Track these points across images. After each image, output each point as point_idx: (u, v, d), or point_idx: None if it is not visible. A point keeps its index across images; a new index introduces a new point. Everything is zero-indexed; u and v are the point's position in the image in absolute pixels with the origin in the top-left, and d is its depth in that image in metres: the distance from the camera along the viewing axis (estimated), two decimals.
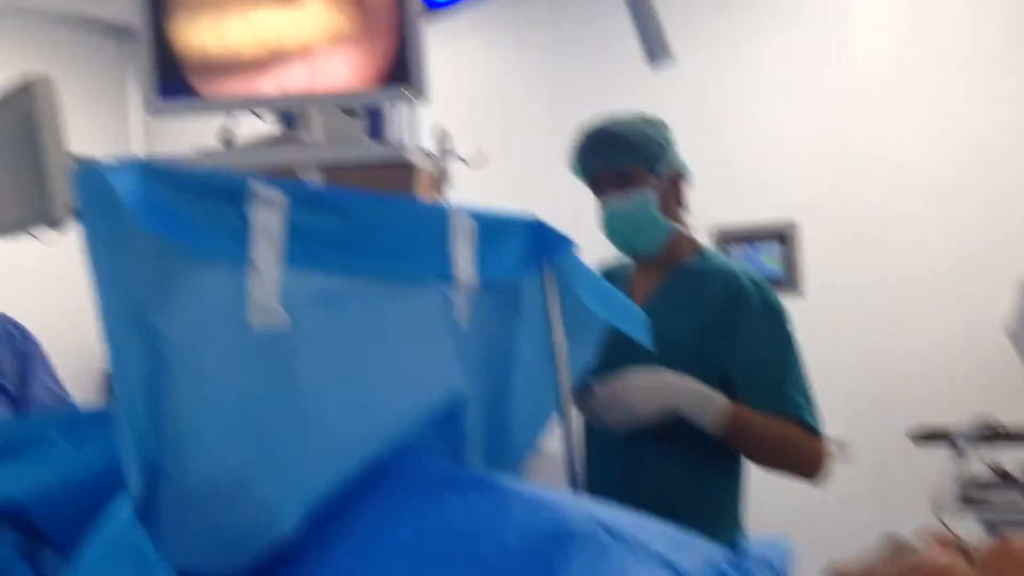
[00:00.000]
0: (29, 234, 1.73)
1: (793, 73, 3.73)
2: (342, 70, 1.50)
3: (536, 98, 4.44)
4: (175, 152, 1.66)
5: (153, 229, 0.67)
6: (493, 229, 0.98)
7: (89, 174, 0.66)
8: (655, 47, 1.54)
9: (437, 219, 0.92)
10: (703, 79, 3.87)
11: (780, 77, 3.76)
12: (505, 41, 4.45)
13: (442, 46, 4.39)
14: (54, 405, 1.52)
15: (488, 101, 4.52)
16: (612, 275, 1.79)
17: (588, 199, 1.77)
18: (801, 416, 1.58)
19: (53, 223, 1.64)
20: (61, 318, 4.36)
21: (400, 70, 1.49)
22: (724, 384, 1.60)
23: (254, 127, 1.67)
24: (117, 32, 5.09)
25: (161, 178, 0.71)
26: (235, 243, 0.75)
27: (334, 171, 1.50)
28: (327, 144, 1.57)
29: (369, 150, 1.54)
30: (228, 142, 1.67)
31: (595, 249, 1.63)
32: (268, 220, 0.77)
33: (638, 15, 1.54)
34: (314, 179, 1.48)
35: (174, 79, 1.56)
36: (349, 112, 1.58)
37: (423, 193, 1.57)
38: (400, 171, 1.52)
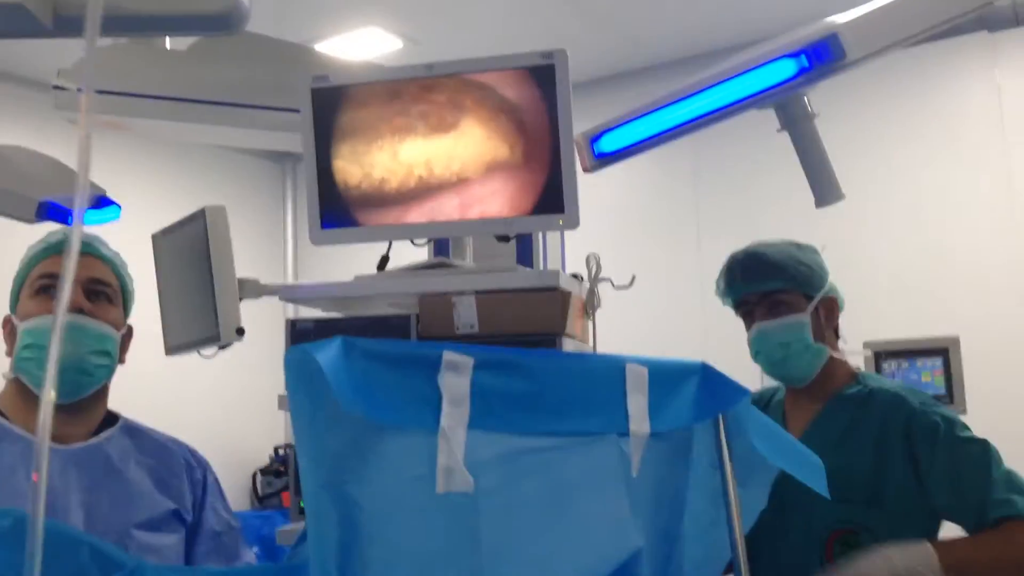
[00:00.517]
0: (197, 352, 1.83)
1: (954, 191, 3.74)
2: (497, 198, 1.54)
3: (679, 221, 4.52)
4: (331, 276, 1.74)
5: (354, 407, 0.70)
6: (665, 378, 0.98)
7: (299, 356, 0.70)
8: (825, 188, 1.53)
9: (613, 372, 0.92)
10: (859, 204, 3.90)
11: (937, 194, 3.77)
12: (646, 164, 4.53)
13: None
14: (224, 531, 1.57)
15: (629, 224, 4.62)
16: (761, 401, 1.75)
17: (725, 321, 1.77)
18: (1021, 513, 1.50)
19: (222, 344, 1.73)
20: (217, 426, 4.66)
21: (553, 199, 1.52)
22: (907, 514, 1.53)
23: (408, 252, 1.74)
24: (278, 156, 5.48)
25: (360, 353, 0.74)
26: (426, 410, 0.77)
27: (487, 296, 1.53)
28: (480, 270, 1.61)
29: (522, 276, 1.56)
30: (383, 265, 1.73)
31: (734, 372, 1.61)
32: (457, 386, 0.79)
33: (808, 158, 1.54)
34: (468, 304, 1.52)
35: (335, 209, 1.63)
36: (502, 238, 1.62)
37: (574, 318, 1.58)
38: (552, 296, 1.53)
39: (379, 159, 1.57)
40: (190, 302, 1.81)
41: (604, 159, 1.68)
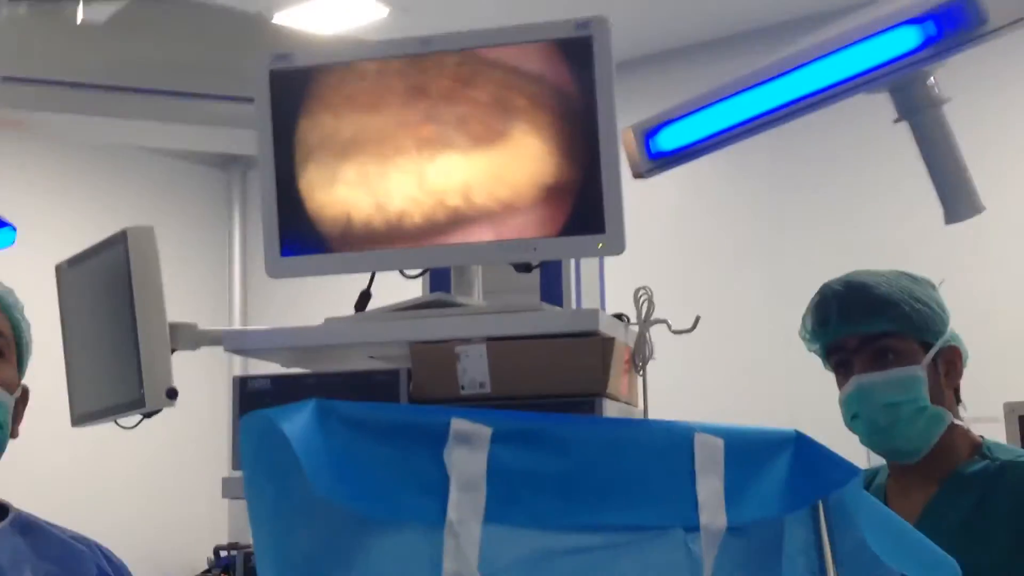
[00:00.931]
0: (115, 422, 1.83)
1: None
2: (526, 218, 1.55)
3: (756, 244, 4.54)
4: (291, 320, 1.75)
5: (334, 493, 0.70)
6: (747, 453, 0.97)
7: (259, 426, 0.70)
8: (959, 197, 1.53)
9: (676, 446, 0.92)
10: (992, 223, 3.91)
11: None
12: (713, 167, 4.55)
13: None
14: None
15: (691, 248, 4.63)
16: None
17: (813, 375, 1.76)
18: None
19: (148, 410, 1.74)
20: (141, 519, 4.68)
21: (590, 214, 1.52)
22: None
23: (396, 287, 1.74)
24: (223, 161, 5.52)
25: (340, 421, 0.74)
26: (428, 497, 0.77)
27: (502, 344, 1.53)
28: (492, 310, 1.61)
29: (549, 318, 1.56)
30: (363, 305, 1.73)
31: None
32: (469, 465, 0.79)
33: (935, 156, 1.54)
34: (476, 355, 1.52)
35: (299, 230, 1.64)
36: (521, 267, 1.62)
37: (618, 373, 1.57)
38: (589, 344, 1.53)
39: (396, 184, 1.57)
40: (106, 354, 1.81)
41: (663, 161, 1.68)
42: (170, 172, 5.32)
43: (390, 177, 1.59)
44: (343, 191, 1.61)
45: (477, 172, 1.56)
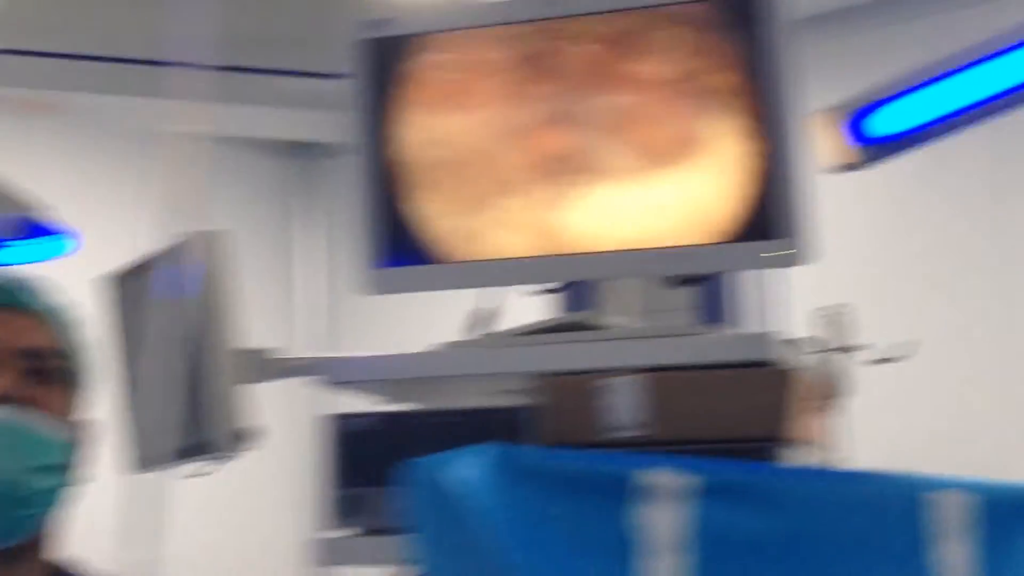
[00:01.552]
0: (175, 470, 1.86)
1: None
2: (675, 213, 1.55)
3: (964, 262, 4.47)
4: (366, 345, 1.76)
5: (521, 559, 0.70)
6: (1002, 513, 0.96)
7: (431, 478, 0.72)
8: None
9: (909, 502, 0.91)
10: None
11: None
12: (925, 174, 4.49)
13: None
14: None
15: (899, 255, 4.58)
16: None
17: None
18: None
19: (218, 455, 1.76)
20: None
21: (767, 215, 1.51)
22: None
23: (511, 306, 1.75)
24: (289, 151, 5.51)
25: (517, 471, 0.75)
26: (617, 561, 0.77)
27: (656, 377, 1.53)
28: (645, 334, 1.61)
29: (714, 343, 1.56)
30: (481, 329, 1.74)
31: None
32: (664, 524, 0.79)
33: None
34: (626, 390, 1.52)
35: (403, 237, 1.66)
36: (679, 282, 1.62)
37: (805, 412, 1.56)
38: (766, 376, 1.52)
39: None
40: (167, 386, 1.84)
41: (880, 149, 1.65)
42: (231, 165, 5.28)
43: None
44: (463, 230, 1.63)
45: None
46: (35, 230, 1.55)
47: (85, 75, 1.95)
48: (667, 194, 1.56)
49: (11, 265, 1.55)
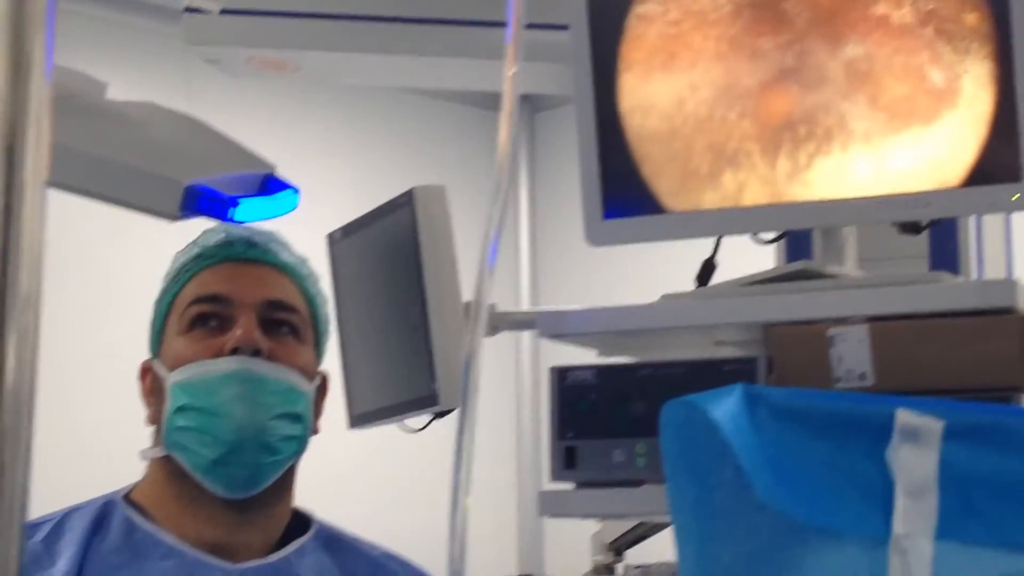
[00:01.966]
0: (399, 424, 1.94)
1: None
2: (907, 159, 1.56)
3: None
4: (586, 297, 1.81)
5: (775, 496, 0.76)
6: None
7: (682, 414, 0.77)
8: None
9: None
10: None
11: None
12: None
13: None
14: None
15: None
16: None
17: None
18: None
19: (441, 409, 1.83)
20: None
21: (1001, 157, 1.52)
22: None
23: (735, 257, 1.77)
24: (489, 102, 5.54)
25: (769, 410, 0.80)
26: (869, 505, 0.82)
27: (888, 325, 1.54)
28: (876, 282, 1.63)
29: (949, 292, 1.57)
30: (706, 278, 1.78)
31: None
32: (918, 467, 0.83)
33: None
34: (857, 339, 1.54)
35: (625, 185, 1.70)
36: (908, 228, 1.64)
37: None
38: (1005, 324, 1.52)
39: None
40: (389, 341, 1.92)
41: None
42: (445, 119, 5.34)
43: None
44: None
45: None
46: (266, 186, 1.64)
47: (306, 33, 2.05)
48: (908, 155, 1.57)
49: (246, 222, 1.65)
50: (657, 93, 1.68)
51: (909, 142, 1.56)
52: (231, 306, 1.70)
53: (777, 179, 1.61)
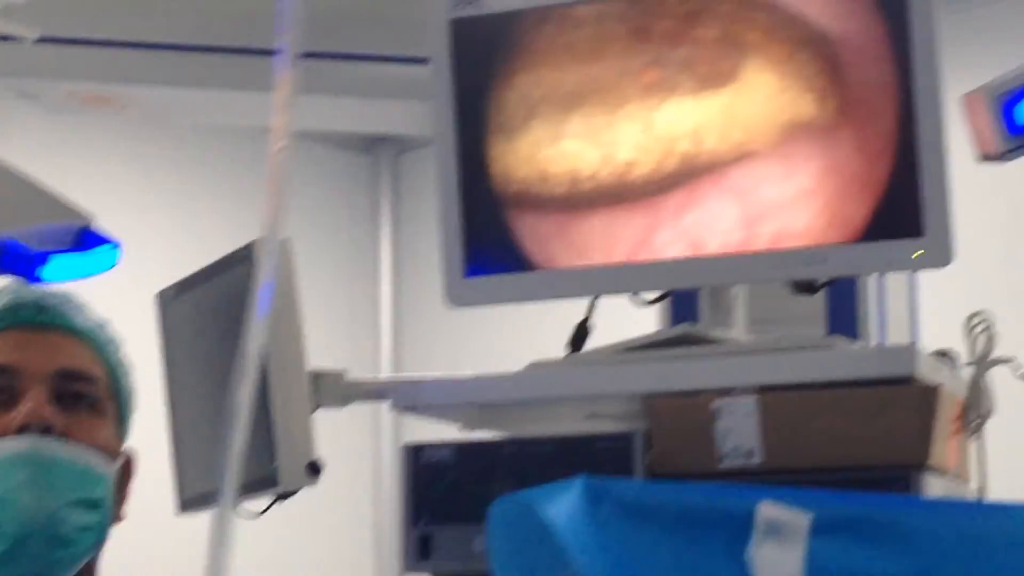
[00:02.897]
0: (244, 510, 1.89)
1: None
2: (794, 211, 1.56)
3: None
4: (457, 366, 1.79)
5: None
6: None
7: (514, 513, 0.75)
8: None
9: None
10: None
11: None
12: None
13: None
14: None
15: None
16: None
17: None
18: None
19: (282, 491, 1.79)
20: None
21: (902, 211, 1.52)
22: None
23: (614, 320, 1.76)
24: (367, 144, 5.52)
25: (614, 507, 0.78)
26: None
27: (778, 396, 1.54)
28: (767, 347, 1.63)
29: (846, 358, 1.57)
30: (579, 343, 1.77)
31: None
32: (780, 568, 0.82)
33: None
34: (744, 412, 1.54)
35: (494, 240, 1.68)
36: (803, 287, 1.63)
37: (945, 435, 1.56)
38: (904, 395, 1.53)
39: (624, 134, 1.62)
40: (223, 415, 1.87)
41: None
42: (304, 162, 5.20)
43: (617, 128, 1.64)
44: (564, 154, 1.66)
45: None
46: (82, 240, 1.59)
47: (139, 66, 2.01)
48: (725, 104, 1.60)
49: (57, 280, 1.60)
50: (542, 119, 1.67)
51: (798, 168, 1.58)
52: (19, 378, 1.64)
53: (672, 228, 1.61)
